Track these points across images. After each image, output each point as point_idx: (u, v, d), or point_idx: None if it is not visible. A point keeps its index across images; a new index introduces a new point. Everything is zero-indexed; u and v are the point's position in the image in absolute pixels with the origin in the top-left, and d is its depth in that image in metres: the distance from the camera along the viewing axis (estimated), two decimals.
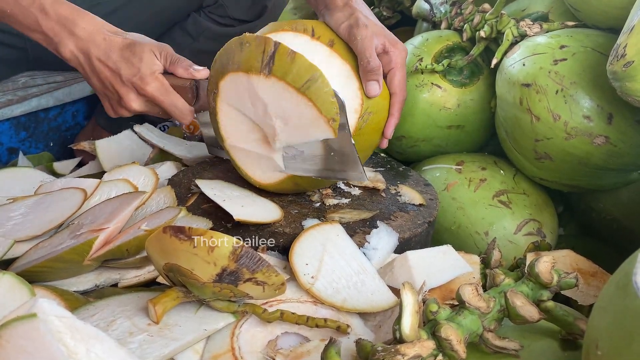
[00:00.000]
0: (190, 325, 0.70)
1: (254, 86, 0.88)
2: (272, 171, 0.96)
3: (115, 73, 0.91)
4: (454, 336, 0.59)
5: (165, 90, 0.92)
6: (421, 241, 0.97)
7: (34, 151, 1.42)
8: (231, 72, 0.90)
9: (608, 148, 1.04)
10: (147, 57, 0.91)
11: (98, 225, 0.83)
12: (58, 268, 0.80)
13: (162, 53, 0.93)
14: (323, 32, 0.96)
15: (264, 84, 0.87)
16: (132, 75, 0.90)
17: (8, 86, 1.32)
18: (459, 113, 1.30)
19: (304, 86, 0.85)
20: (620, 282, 0.52)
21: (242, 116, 0.93)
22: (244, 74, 0.88)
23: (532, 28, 1.22)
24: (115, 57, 0.90)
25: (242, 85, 0.89)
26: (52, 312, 0.50)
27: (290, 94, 0.86)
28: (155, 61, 0.92)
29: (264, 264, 0.68)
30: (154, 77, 0.91)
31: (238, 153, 0.98)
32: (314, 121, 0.87)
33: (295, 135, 0.90)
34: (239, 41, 0.89)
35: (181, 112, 0.94)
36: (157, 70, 0.92)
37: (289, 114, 0.88)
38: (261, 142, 0.95)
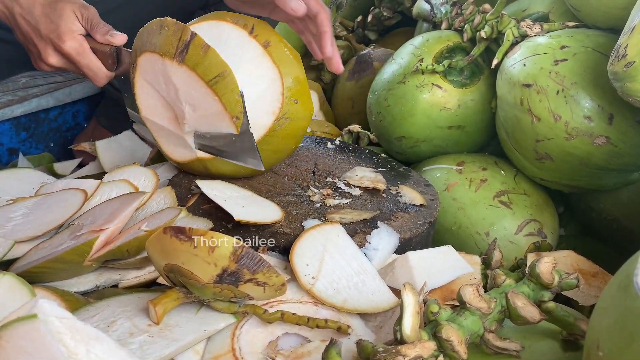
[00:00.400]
0: (191, 326, 0.70)
1: (167, 70, 0.91)
2: (182, 148, 1.00)
3: (34, 28, 0.93)
4: (455, 337, 0.59)
5: (83, 51, 0.94)
6: (422, 242, 0.97)
7: (34, 152, 1.42)
8: (148, 52, 0.93)
9: (609, 148, 1.04)
10: (67, 16, 0.93)
11: (98, 226, 0.83)
12: (58, 269, 0.80)
13: (84, 15, 0.95)
14: (262, 32, 0.98)
15: (176, 70, 0.90)
16: (50, 31, 0.92)
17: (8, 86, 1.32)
18: (460, 113, 1.30)
19: (212, 80, 0.89)
20: (622, 282, 0.52)
21: (157, 94, 0.96)
22: (159, 56, 0.91)
23: (533, 28, 1.22)
24: (37, 12, 0.93)
25: (157, 66, 0.92)
26: (52, 312, 0.50)
27: (199, 86, 0.90)
28: (75, 22, 0.93)
29: (264, 264, 0.68)
30: (72, 37, 0.93)
31: (153, 126, 1.01)
32: (218, 115, 0.91)
33: (202, 122, 0.94)
34: (159, 23, 0.92)
35: (95, 75, 0.96)
36: (77, 30, 0.94)
37: (197, 103, 0.92)
38: (173, 121, 0.97)
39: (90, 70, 0.96)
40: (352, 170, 1.11)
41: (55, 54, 0.95)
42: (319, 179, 1.08)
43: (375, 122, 1.39)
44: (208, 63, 0.88)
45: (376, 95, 1.38)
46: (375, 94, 1.39)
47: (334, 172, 1.11)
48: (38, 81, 1.37)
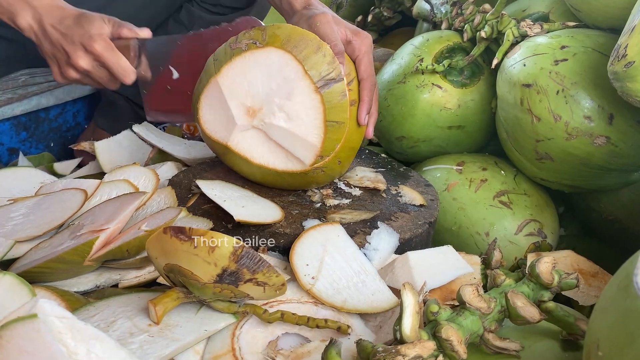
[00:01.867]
0: (191, 326, 0.70)
1: (296, 79, 0.92)
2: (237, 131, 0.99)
3: (65, 35, 0.99)
4: (454, 337, 0.59)
5: (111, 50, 1.00)
6: (422, 242, 0.97)
7: (34, 151, 1.42)
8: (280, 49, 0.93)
9: (609, 148, 1.04)
10: (97, 21, 1.00)
11: (98, 226, 0.83)
12: (58, 268, 0.80)
13: (110, 20, 1.02)
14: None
15: (308, 90, 0.93)
16: (81, 35, 0.98)
17: (8, 84, 1.32)
18: (460, 113, 1.30)
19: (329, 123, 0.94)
20: (622, 282, 0.52)
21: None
22: (297, 63, 0.92)
23: (533, 28, 1.22)
24: (68, 23, 0.99)
25: (283, 65, 0.93)
26: (52, 312, 0.50)
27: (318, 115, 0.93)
28: (103, 25, 1.00)
29: (264, 264, 0.68)
30: (102, 37, 0.99)
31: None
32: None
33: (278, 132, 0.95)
34: (318, 45, 0.93)
35: (124, 71, 1.01)
36: (105, 32, 1.00)
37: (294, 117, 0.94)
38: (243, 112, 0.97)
39: (120, 66, 1.00)
40: (352, 170, 1.11)
41: (85, 56, 0.99)
42: None
43: (376, 122, 1.39)
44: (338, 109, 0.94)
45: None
46: None
47: None
48: (38, 79, 1.36)
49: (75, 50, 0.99)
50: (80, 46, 0.99)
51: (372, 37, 1.04)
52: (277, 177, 1.00)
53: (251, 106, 0.95)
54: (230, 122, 0.96)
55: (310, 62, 0.92)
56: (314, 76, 0.92)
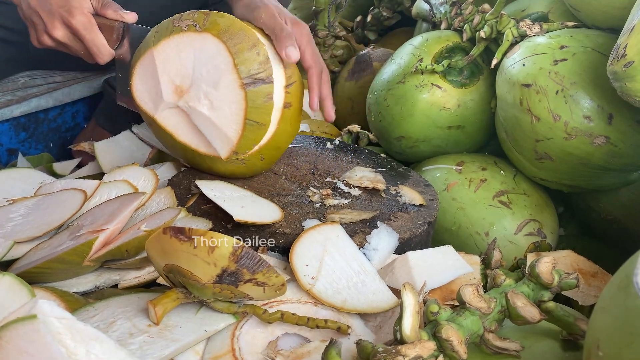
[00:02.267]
0: (191, 326, 0.70)
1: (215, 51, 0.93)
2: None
3: (44, 1, 0.95)
4: (454, 337, 0.59)
5: (90, 27, 0.96)
6: (421, 242, 0.97)
7: (33, 152, 1.42)
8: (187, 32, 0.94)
9: (608, 148, 1.04)
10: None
11: (98, 226, 0.82)
12: (58, 269, 0.80)
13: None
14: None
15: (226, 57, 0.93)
16: (60, 6, 0.95)
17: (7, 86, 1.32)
18: (459, 113, 1.30)
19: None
20: (621, 282, 0.52)
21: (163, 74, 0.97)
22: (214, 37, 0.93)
23: (532, 28, 1.22)
24: None
25: (200, 45, 0.94)
26: (52, 313, 0.50)
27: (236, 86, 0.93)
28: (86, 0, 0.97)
29: (264, 264, 0.68)
30: (81, 12, 0.95)
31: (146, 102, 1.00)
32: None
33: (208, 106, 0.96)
34: (252, 42, 0.93)
35: (99, 51, 0.98)
36: (86, 7, 0.96)
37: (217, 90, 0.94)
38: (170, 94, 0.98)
39: (95, 46, 0.97)
40: (351, 171, 1.11)
41: (62, 27, 0.96)
42: (318, 179, 1.08)
43: (375, 122, 1.39)
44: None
45: (376, 95, 1.38)
46: (374, 94, 1.39)
47: (333, 172, 1.11)
48: (37, 81, 1.36)
49: (52, 20, 0.96)
50: (59, 17, 0.95)
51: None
52: (201, 159, 1.02)
53: (180, 86, 0.96)
54: (159, 96, 0.97)
55: (241, 57, 0.93)
56: (243, 72, 0.92)
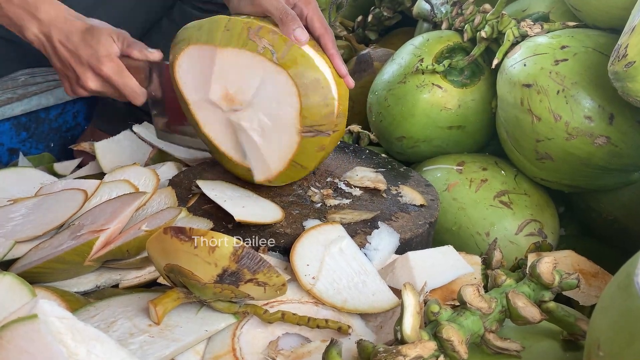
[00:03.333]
0: (191, 326, 0.70)
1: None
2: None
3: (74, 54, 0.96)
4: (455, 337, 0.59)
5: (120, 71, 0.97)
6: (422, 242, 0.97)
7: (34, 152, 1.42)
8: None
9: (609, 148, 1.04)
10: (105, 40, 0.96)
11: (98, 226, 0.82)
12: (58, 269, 0.80)
13: (120, 37, 0.98)
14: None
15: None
16: (90, 55, 0.95)
17: (7, 84, 1.32)
18: (460, 113, 1.30)
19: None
20: (622, 282, 0.52)
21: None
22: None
23: (533, 28, 1.22)
24: (75, 39, 0.96)
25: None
26: (52, 313, 0.50)
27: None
28: (112, 44, 0.97)
29: (265, 264, 0.68)
30: (110, 59, 0.96)
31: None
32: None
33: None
34: (324, 96, 0.93)
35: (133, 92, 0.99)
36: (114, 52, 0.97)
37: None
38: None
39: (129, 88, 0.98)
40: (352, 171, 1.11)
41: (95, 78, 0.97)
42: (319, 179, 1.08)
43: (376, 122, 1.39)
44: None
45: (376, 95, 1.38)
46: (375, 94, 1.39)
47: (334, 172, 1.11)
48: (37, 79, 1.36)
49: (85, 71, 0.97)
50: (89, 67, 0.96)
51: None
52: (224, 160, 1.01)
53: (232, 96, 0.94)
54: (203, 90, 0.95)
55: (309, 108, 0.91)
56: (306, 122, 0.92)
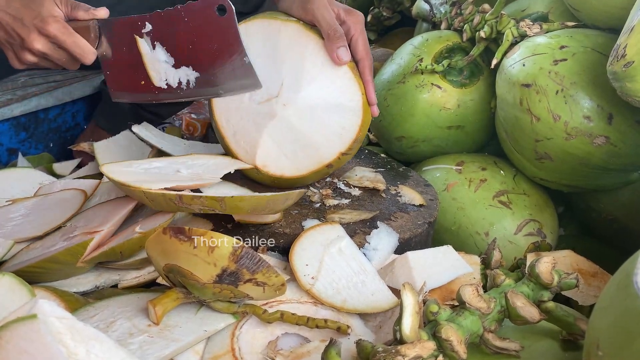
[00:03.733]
0: (191, 326, 0.70)
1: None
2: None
3: (16, 18, 0.95)
4: (454, 337, 0.59)
5: (67, 31, 0.95)
6: (421, 241, 0.97)
7: (33, 152, 1.42)
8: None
9: (608, 148, 1.04)
10: (47, 3, 0.95)
11: (92, 228, 0.82)
12: (52, 269, 0.79)
13: (62, 1, 0.97)
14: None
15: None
16: (33, 17, 0.94)
17: (7, 85, 1.32)
18: (459, 113, 1.30)
19: None
20: (621, 282, 0.52)
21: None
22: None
23: (532, 28, 1.22)
24: (16, 5, 0.95)
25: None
26: (52, 313, 0.50)
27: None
28: (55, 7, 0.96)
29: (264, 264, 0.68)
30: (55, 19, 0.95)
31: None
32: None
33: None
34: None
35: (83, 52, 0.97)
36: (58, 15, 0.96)
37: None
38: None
39: (78, 47, 0.96)
40: (351, 170, 1.11)
41: (40, 38, 0.96)
42: (318, 179, 1.08)
43: (375, 122, 1.39)
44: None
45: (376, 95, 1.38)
46: None
47: (333, 172, 1.11)
48: (37, 80, 1.36)
49: (29, 33, 0.95)
50: (34, 28, 0.95)
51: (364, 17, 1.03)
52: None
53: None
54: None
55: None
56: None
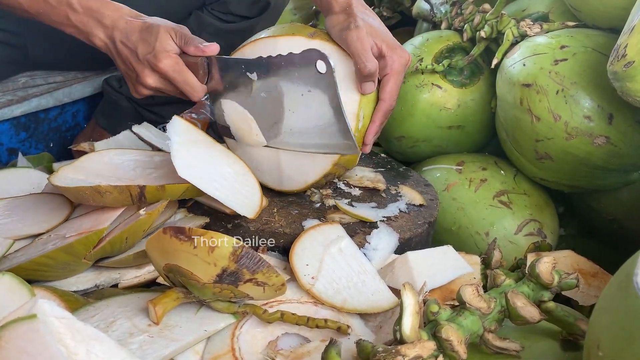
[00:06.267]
0: (191, 326, 0.70)
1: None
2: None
3: (133, 52, 0.97)
4: (454, 337, 0.59)
5: (178, 67, 0.96)
6: (422, 241, 0.97)
7: (34, 152, 1.42)
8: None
9: (608, 148, 1.04)
10: (162, 37, 0.96)
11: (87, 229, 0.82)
12: (59, 261, 0.79)
13: (177, 34, 0.98)
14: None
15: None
16: (147, 52, 0.96)
17: (8, 86, 1.32)
18: (459, 113, 1.30)
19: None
20: (621, 282, 0.52)
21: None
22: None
23: (533, 28, 1.22)
24: (134, 38, 0.97)
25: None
26: (52, 313, 0.50)
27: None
28: (169, 41, 0.97)
29: (264, 264, 0.68)
30: (167, 55, 0.96)
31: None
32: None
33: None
34: None
35: (193, 89, 0.98)
36: (171, 49, 0.97)
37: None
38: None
39: (188, 85, 0.97)
40: (351, 170, 1.11)
41: (152, 74, 0.97)
42: None
43: None
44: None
45: None
46: None
47: None
48: (38, 81, 1.36)
49: (143, 68, 0.97)
50: (147, 64, 0.97)
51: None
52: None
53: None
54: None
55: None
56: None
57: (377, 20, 1.00)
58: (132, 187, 0.83)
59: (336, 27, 0.96)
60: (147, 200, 0.85)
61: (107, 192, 0.83)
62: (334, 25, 0.96)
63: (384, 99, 0.97)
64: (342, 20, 0.96)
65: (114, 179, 0.89)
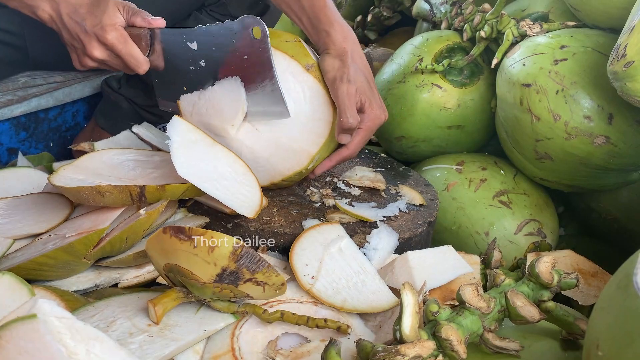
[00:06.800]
0: (191, 326, 0.70)
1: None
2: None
3: (80, 24, 1.00)
4: (454, 336, 0.59)
5: (124, 40, 0.99)
6: (421, 241, 0.97)
7: (34, 151, 1.42)
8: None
9: (608, 148, 1.04)
10: (110, 10, 0.99)
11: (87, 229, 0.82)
12: (59, 260, 0.79)
13: (125, 7, 1.01)
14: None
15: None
16: (94, 25, 0.98)
17: (8, 86, 1.32)
18: (459, 113, 1.30)
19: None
20: (621, 282, 0.52)
21: None
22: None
23: (533, 28, 1.22)
24: (82, 11, 0.99)
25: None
26: (52, 312, 0.50)
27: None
28: (117, 14, 1.00)
29: (264, 264, 0.68)
30: (114, 28, 0.99)
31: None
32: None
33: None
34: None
35: (137, 61, 1.01)
36: (118, 22, 0.99)
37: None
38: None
39: (132, 57, 1.00)
40: (351, 170, 1.11)
41: (99, 46, 1.00)
42: (318, 179, 1.08)
43: None
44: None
45: None
46: None
47: (333, 171, 1.11)
48: (37, 81, 1.36)
49: (90, 40, 0.99)
50: (94, 36, 0.99)
51: (383, 118, 1.04)
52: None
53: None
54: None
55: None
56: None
57: (367, 70, 1.04)
58: (132, 187, 0.83)
59: (330, 73, 1.00)
60: (147, 200, 0.85)
61: (107, 192, 0.83)
62: (328, 70, 1.00)
63: (348, 147, 1.02)
64: (336, 67, 1.00)
65: (113, 178, 0.89)
